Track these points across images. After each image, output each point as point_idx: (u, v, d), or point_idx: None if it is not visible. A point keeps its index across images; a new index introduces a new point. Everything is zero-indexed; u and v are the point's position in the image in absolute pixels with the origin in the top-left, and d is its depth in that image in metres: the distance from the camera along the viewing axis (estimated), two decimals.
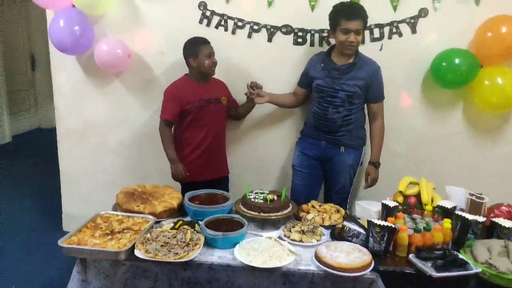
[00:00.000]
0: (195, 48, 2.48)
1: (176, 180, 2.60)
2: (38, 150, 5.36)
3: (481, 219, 1.83)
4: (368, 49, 2.64)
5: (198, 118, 2.53)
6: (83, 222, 1.91)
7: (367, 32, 2.65)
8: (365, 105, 2.52)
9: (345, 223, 1.91)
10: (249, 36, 2.73)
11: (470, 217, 1.82)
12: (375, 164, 2.51)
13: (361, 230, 1.84)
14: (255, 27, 2.72)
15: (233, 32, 2.73)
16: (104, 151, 3.05)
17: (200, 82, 2.56)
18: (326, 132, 2.48)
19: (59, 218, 3.26)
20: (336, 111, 2.42)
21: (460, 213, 1.87)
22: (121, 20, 2.77)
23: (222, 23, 2.73)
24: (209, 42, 2.51)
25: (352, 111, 2.43)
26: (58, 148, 3.07)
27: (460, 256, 1.68)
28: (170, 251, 1.70)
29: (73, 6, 2.65)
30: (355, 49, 2.36)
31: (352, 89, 2.38)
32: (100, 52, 2.66)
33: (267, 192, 2.18)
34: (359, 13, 2.28)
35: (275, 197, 2.15)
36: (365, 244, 1.78)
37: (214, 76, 2.61)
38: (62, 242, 1.72)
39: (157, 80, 2.86)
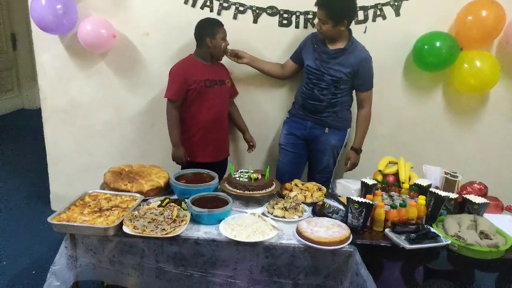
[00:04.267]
0: (214, 29, 2.47)
1: (177, 163, 2.62)
2: (23, 131, 5.31)
3: (453, 195, 1.93)
4: (352, 32, 2.69)
5: (203, 98, 2.51)
6: (71, 201, 1.94)
7: None
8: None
9: (326, 200, 1.99)
10: (235, 17, 2.74)
11: (443, 193, 1.91)
12: (357, 150, 2.59)
13: (341, 207, 1.92)
14: (241, 8, 2.73)
15: (219, 13, 2.74)
16: (90, 132, 3.06)
17: (206, 63, 2.55)
18: (312, 112, 2.54)
19: (47, 198, 3.29)
20: (321, 93, 2.47)
21: (434, 190, 1.96)
22: (105, 0, 2.75)
23: (208, 3, 2.73)
24: (223, 25, 2.51)
25: (337, 95, 2.49)
26: (44, 129, 3.06)
27: (432, 229, 1.78)
28: (157, 227, 1.75)
29: None
30: (324, 36, 2.40)
31: (338, 75, 2.42)
32: (84, 32, 2.64)
33: (252, 171, 2.24)
34: (322, 3, 2.30)
35: (259, 176, 2.21)
36: (344, 219, 1.86)
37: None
38: (52, 219, 1.76)
39: (142, 61, 2.87)
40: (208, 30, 2.48)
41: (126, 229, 1.74)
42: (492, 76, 2.60)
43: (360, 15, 2.70)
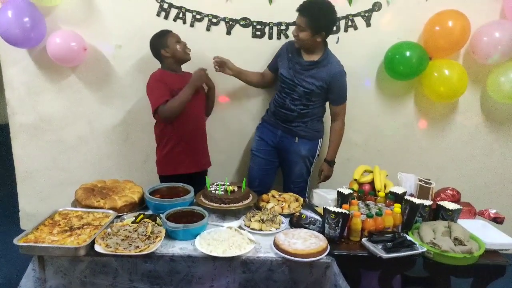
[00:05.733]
0: (163, 38, 2.44)
1: (201, 82, 2.47)
2: None
3: (428, 202, 1.95)
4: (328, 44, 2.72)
5: (183, 108, 2.43)
6: (41, 220, 1.87)
7: None
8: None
9: (303, 211, 1.98)
10: (208, 29, 2.74)
11: (417, 201, 1.93)
12: (330, 162, 2.60)
13: (318, 217, 1.91)
14: (214, 20, 2.72)
15: (192, 25, 2.73)
16: (62, 147, 2.97)
17: (177, 73, 2.50)
18: (283, 120, 2.55)
19: (16, 217, 3.15)
20: (293, 103, 2.48)
21: (409, 198, 1.98)
22: (74, 12, 2.69)
23: (181, 15, 2.71)
24: (172, 31, 2.48)
25: (309, 106, 2.49)
26: (12, 145, 2.95)
27: (408, 237, 1.80)
28: (131, 245, 1.70)
29: None
30: (299, 43, 2.38)
31: (310, 87, 2.42)
32: (54, 45, 2.58)
33: (228, 183, 2.22)
34: (304, 10, 2.28)
35: (236, 188, 2.19)
36: (321, 230, 1.86)
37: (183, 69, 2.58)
38: (18, 241, 1.68)
39: (115, 73, 2.82)
40: (158, 43, 2.45)
41: (98, 248, 1.67)
42: (460, 84, 2.67)
43: None
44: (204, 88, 2.65)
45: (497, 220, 2.08)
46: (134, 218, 1.93)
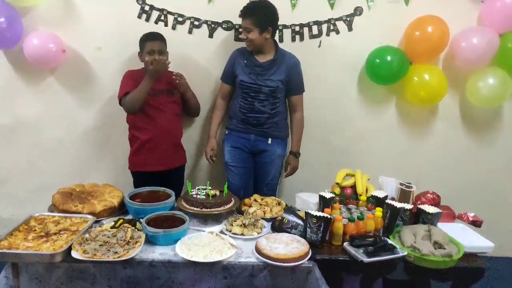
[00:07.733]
0: (142, 43, 2.46)
1: (156, 75, 2.40)
2: None
3: (408, 206, 1.97)
4: (306, 46, 2.74)
5: (147, 107, 2.46)
6: (15, 225, 1.81)
7: (306, 29, 2.74)
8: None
9: (285, 215, 1.97)
10: (190, 31, 2.72)
11: (398, 205, 1.95)
12: (295, 154, 2.65)
13: (300, 221, 1.91)
14: (196, 22, 2.71)
15: (174, 28, 2.71)
16: (40, 151, 2.90)
17: None
18: (254, 125, 2.56)
19: None
20: (262, 105, 2.50)
21: (390, 201, 1.99)
22: (53, 13, 2.63)
23: (162, 18, 2.69)
24: (158, 39, 2.44)
25: (276, 104, 2.53)
26: None
27: (389, 241, 1.80)
28: (110, 250, 1.66)
29: None
30: (252, 45, 2.45)
31: (275, 84, 2.47)
32: (31, 47, 2.52)
33: (210, 188, 2.20)
34: (246, 12, 2.39)
35: (217, 193, 2.17)
36: (303, 234, 1.85)
37: (173, 70, 2.52)
38: None
39: (94, 76, 2.77)
40: (140, 45, 2.47)
41: (75, 254, 1.62)
42: (440, 89, 2.72)
43: (315, 29, 2.75)
44: (178, 92, 2.59)
45: (476, 223, 2.11)
46: (113, 223, 1.89)
